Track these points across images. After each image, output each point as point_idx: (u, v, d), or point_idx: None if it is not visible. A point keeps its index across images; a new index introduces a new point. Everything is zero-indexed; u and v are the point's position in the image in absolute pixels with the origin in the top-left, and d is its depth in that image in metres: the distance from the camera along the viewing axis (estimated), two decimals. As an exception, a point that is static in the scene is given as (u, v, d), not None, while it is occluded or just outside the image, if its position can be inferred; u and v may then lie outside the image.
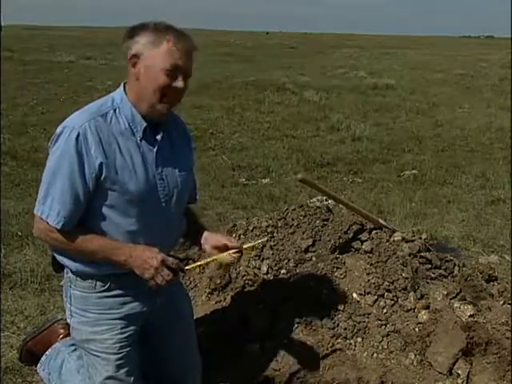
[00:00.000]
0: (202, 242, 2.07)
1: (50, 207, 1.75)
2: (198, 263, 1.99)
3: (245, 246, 1.96)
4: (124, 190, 1.78)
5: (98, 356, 1.95)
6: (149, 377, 2.14)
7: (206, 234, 2.08)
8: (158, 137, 1.85)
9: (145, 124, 1.81)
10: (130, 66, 1.78)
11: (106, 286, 1.90)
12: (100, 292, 1.91)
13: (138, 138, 1.81)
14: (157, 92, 1.75)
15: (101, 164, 1.73)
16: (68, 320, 2.01)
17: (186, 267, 1.92)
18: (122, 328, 1.94)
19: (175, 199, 1.92)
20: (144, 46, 1.74)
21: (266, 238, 2.24)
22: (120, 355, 1.94)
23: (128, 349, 1.96)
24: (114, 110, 1.80)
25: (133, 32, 1.77)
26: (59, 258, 1.90)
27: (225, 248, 1.99)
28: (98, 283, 1.90)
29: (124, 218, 1.82)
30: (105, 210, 1.80)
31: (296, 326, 2.64)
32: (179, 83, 1.75)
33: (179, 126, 2.02)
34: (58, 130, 1.76)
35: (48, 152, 1.82)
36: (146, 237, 1.86)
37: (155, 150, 1.85)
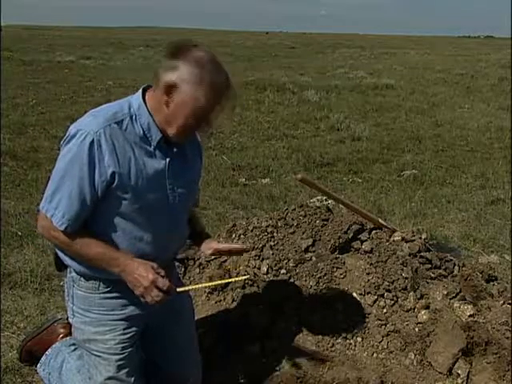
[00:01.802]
0: (202, 246, 2.13)
1: (56, 207, 1.74)
2: (190, 287, 1.99)
3: (230, 280, 2.03)
4: (134, 199, 1.77)
5: (99, 356, 1.95)
6: (149, 377, 2.14)
7: (207, 240, 2.13)
8: (174, 149, 1.85)
9: (160, 135, 1.79)
10: (163, 89, 1.71)
11: (110, 288, 1.90)
12: (103, 293, 1.91)
13: (152, 147, 1.80)
14: (182, 127, 1.75)
15: (113, 173, 1.72)
16: (70, 319, 2.01)
17: (178, 289, 1.91)
18: (124, 329, 1.94)
19: (182, 208, 1.93)
20: (185, 81, 1.68)
21: (247, 276, 2.41)
22: (122, 356, 1.94)
23: (130, 349, 1.96)
24: (131, 117, 1.77)
25: (175, 54, 1.70)
26: (63, 257, 1.90)
27: (217, 252, 2.09)
28: (102, 284, 1.89)
29: (131, 224, 1.81)
30: (112, 215, 1.80)
31: (296, 325, 2.64)
32: (207, 127, 1.79)
33: (192, 138, 2.01)
34: (72, 131, 1.73)
35: (52, 154, 1.81)
36: (151, 243, 1.86)
37: (168, 160, 1.83)
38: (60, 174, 1.74)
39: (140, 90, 1.82)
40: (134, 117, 1.77)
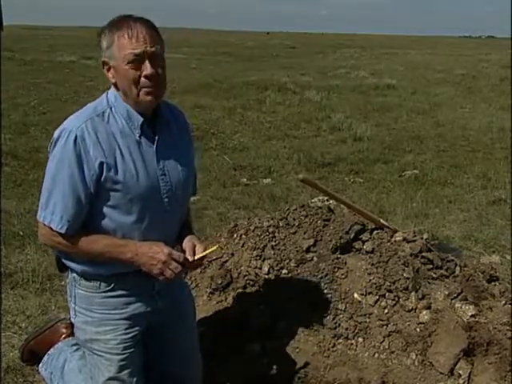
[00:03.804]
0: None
1: (53, 212, 1.75)
2: (201, 254, 1.95)
3: (196, 257, 1.90)
4: (126, 190, 1.77)
5: (101, 356, 1.95)
6: (150, 377, 2.14)
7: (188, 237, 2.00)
8: (157, 135, 1.85)
9: (141, 119, 1.80)
10: (105, 72, 1.81)
11: (111, 287, 1.90)
12: (104, 292, 1.91)
13: (137, 135, 1.81)
14: (132, 87, 1.74)
15: (101, 164, 1.72)
16: (72, 319, 2.01)
17: (189, 259, 1.88)
18: (126, 329, 1.94)
19: (178, 194, 1.91)
20: (105, 50, 1.76)
21: (216, 246, 2.18)
22: (123, 356, 1.94)
23: (132, 350, 1.96)
24: (111, 109, 1.80)
25: (98, 38, 1.79)
26: (64, 260, 1.91)
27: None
28: (103, 284, 1.90)
29: (126, 216, 1.82)
30: (107, 210, 1.80)
31: (297, 326, 2.64)
32: (147, 70, 1.72)
33: (178, 118, 2.00)
34: (56, 134, 1.76)
35: (48, 155, 1.81)
36: (150, 234, 1.85)
37: (155, 145, 1.84)
38: (50, 178, 1.76)
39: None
40: (113, 108, 1.80)
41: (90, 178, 1.73)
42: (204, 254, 1.91)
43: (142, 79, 1.73)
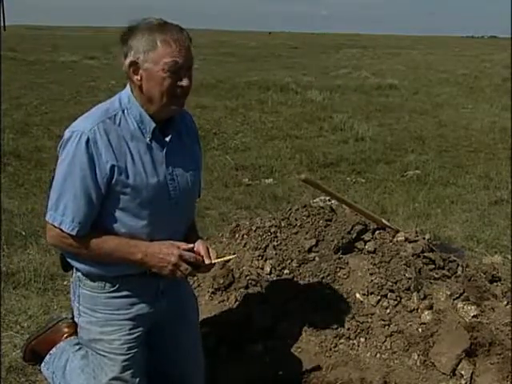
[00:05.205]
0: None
1: (63, 214, 1.74)
2: (219, 259, 1.93)
3: (213, 261, 1.91)
4: (135, 193, 1.77)
5: (104, 356, 1.95)
6: (152, 376, 2.14)
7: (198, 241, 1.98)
8: (167, 138, 1.84)
9: (154, 125, 1.80)
10: (130, 73, 1.74)
11: (115, 287, 1.90)
12: (109, 292, 1.91)
13: (148, 139, 1.80)
14: (164, 95, 1.72)
15: (112, 167, 1.72)
16: (76, 319, 2.01)
17: (206, 262, 1.88)
18: (130, 329, 1.94)
19: (186, 198, 1.92)
20: (140, 51, 1.70)
21: (234, 256, 2.20)
22: (127, 356, 1.94)
23: (135, 350, 1.95)
24: (123, 111, 1.79)
25: (126, 36, 1.73)
26: (69, 259, 1.91)
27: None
28: (108, 284, 1.90)
29: (135, 219, 1.82)
30: (116, 212, 1.80)
31: (299, 326, 2.64)
32: (185, 82, 1.73)
33: (187, 122, 2.00)
34: (67, 134, 1.74)
35: (56, 154, 1.80)
36: (156, 236, 1.86)
37: (165, 149, 1.84)
38: (61, 179, 1.74)
39: (128, 85, 1.83)
40: (125, 111, 1.79)
41: (102, 180, 1.73)
42: (223, 259, 1.92)
43: (179, 90, 1.73)
